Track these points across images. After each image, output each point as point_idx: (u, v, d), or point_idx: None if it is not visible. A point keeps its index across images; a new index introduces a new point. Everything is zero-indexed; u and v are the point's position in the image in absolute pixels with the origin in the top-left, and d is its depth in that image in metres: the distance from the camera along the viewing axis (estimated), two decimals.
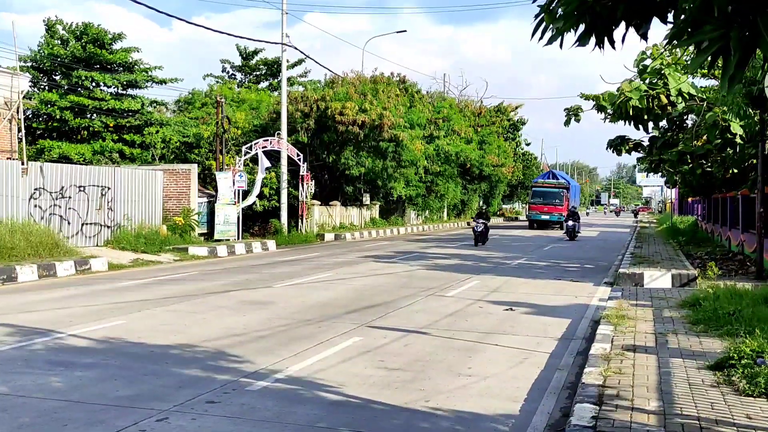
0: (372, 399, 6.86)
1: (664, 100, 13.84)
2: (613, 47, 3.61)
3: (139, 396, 6.75)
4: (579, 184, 71.46)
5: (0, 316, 10.87)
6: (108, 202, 21.70)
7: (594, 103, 18.36)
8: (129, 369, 7.76)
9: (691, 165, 20.28)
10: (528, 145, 72.98)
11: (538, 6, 3.75)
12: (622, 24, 3.47)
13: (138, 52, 31.81)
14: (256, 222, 30.28)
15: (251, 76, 45.67)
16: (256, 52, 44.46)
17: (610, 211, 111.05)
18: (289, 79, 43.08)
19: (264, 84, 45.25)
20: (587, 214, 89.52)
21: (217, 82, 45.20)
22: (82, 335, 9.50)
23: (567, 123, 17.43)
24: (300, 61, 44.59)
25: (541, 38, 3.76)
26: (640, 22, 3.40)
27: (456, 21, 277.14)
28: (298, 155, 30.47)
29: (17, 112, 23.25)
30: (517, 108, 62.20)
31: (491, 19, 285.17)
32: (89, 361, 8.07)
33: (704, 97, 15.97)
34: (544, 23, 3.68)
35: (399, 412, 6.47)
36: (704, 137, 17.81)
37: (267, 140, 28.79)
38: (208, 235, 25.83)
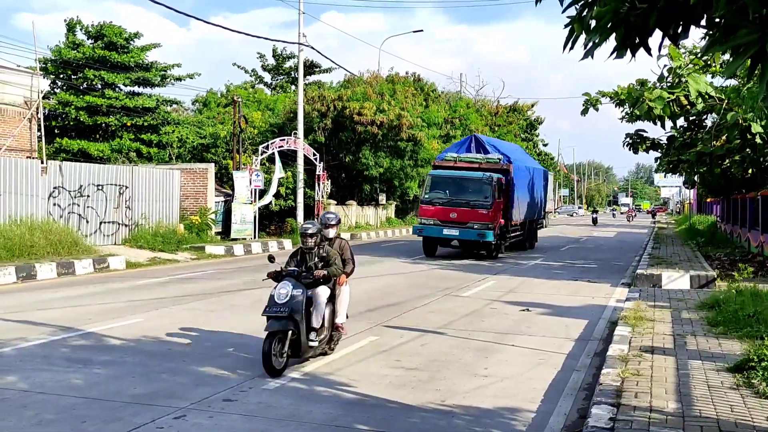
0: (388, 398, 6.86)
1: (684, 101, 13.73)
2: (650, 54, 3.56)
3: (157, 393, 6.79)
4: (543, 168, 34.56)
5: (20, 313, 10.98)
6: (126, 201, 21.84)
7: (610, 98, 18.23)
8: (146, 366, 7.81)
9: (710, 165, 20.07)
10: (545, 145, 72.65)
11: (567, 17, 3.71)
12: (657, 32, 3.42)
13: (157, 47, 31.93)
14: (272, 221, 30.37)
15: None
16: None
17: (621, 214, 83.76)
18: (316, 83, 43.18)
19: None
20: (594, 221, 56.31)
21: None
22: (101, 333, 9.57)
23: (584, 112, 17.28)
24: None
25: (572, 48, 3.72)
26: (675, 30, 3.35)
27: (472, 20, 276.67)
28: (314, 155, 30.53)
29: (37, 112, 23.46)
30: (533, 106, 61.89)
31: (508, 18, 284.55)
32: (107, 358, 8.13)
33: (723, 97, 15.82)
34: (575, 34, 3.63)
35: (415, 412, 6.47)
36: (724, 138, 17.63)
37: (284, 140, 28.86)
38: (225, 234, 25.93)
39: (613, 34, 3.46)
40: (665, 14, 3.28)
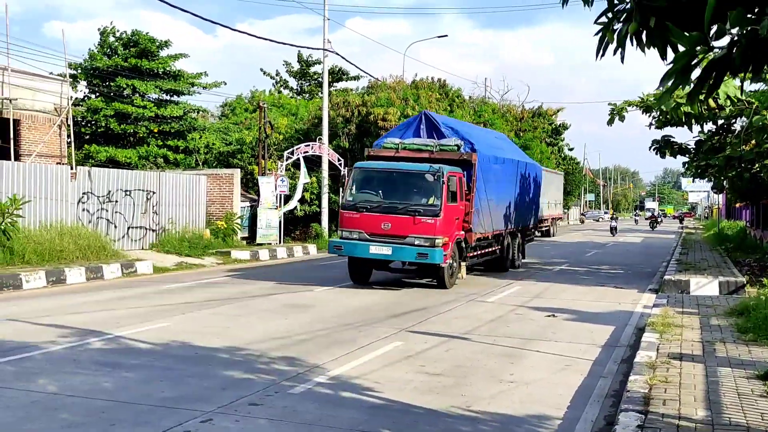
0: (413, 404, 6.85)
1: (713, 104, 13.59)
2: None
3: (184, 397, 6.85)
4: (534, 163, 26.10)
5: (50, 317, 11.14)
6: (153, 207, 22.08)
7: (636, 106, 18.09)
8: (174, 370, 7.88)
9: (739, 170, 19.81)
10: (571, 150, 72.06)
11: (599, 24, 3.75)
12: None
13: (185, 57, 32.29)
14: (297, 226, 30.51)
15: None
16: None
17: (647, 219, 68.80)
18: (344, 90, 43.37)
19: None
20: (613, 230, 45.21)
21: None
22: (129, 337, 9.68)
23: (610, 122, 17.14)
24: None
25: (603, 56, 3.77)
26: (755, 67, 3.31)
27: (497, 25, 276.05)
28: (339, 160, 30.63)
29: (66, 119, 23.83)
30: (558, 111, 61.43)
31: (533, 22, 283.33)
32: (135, 362, 8.23)
33: (753, 100, 15.61)
34: (606, 40, 3.68)
35: (440, 417, 6.46)
36: (753, 141, 17.41)
37: (308, 145, 29.01)
38: (250, 239, 26.11)
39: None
40: (746, 56, 3.25)
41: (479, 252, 18.01)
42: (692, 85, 3.41)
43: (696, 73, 3.41)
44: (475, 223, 16.81)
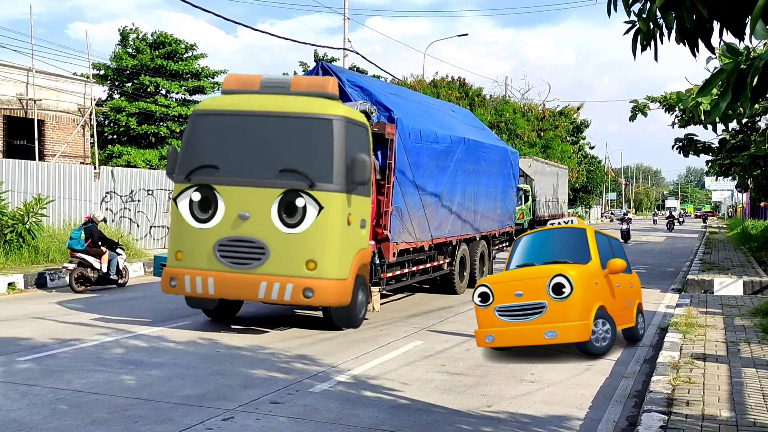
0: (434, 403, 6.85)
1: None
2: None
3: (206, 395, 6.90)
4: (511, 148, 19.89)
5: (73, 315, 11.27)
6: None
7: (659, 104, 17.91)
8: (196, 368, 7.94)
9: (763, 168, 19.55)
10: (592, 148, 71.52)
11: (626, 23, 3.75)
12: None
13: (204, 57, 32.52)
14: None
15: None
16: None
17: (667, 218, 56.53)
18: None
19: None
20: (625, 234, 32.95)
21: None
22: (151, 335, 9.77)
23: (632, 118, 16.99)
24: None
25: (642, 51, 3.79)
26: None
27: (518, 24, 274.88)
28: None
29: (90, 119, 24.08)
30: (578, 109, 60.99)
31: (554, 21, 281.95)
32: (158, 360, 8.30)
33: None
34: (641, 36, 3.69)
35: (461, 417, 6.45)
36: None
37: None
38: None
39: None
40: None
41: (409, 270, 12.97)
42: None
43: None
44: (396, 228, 11.75)
